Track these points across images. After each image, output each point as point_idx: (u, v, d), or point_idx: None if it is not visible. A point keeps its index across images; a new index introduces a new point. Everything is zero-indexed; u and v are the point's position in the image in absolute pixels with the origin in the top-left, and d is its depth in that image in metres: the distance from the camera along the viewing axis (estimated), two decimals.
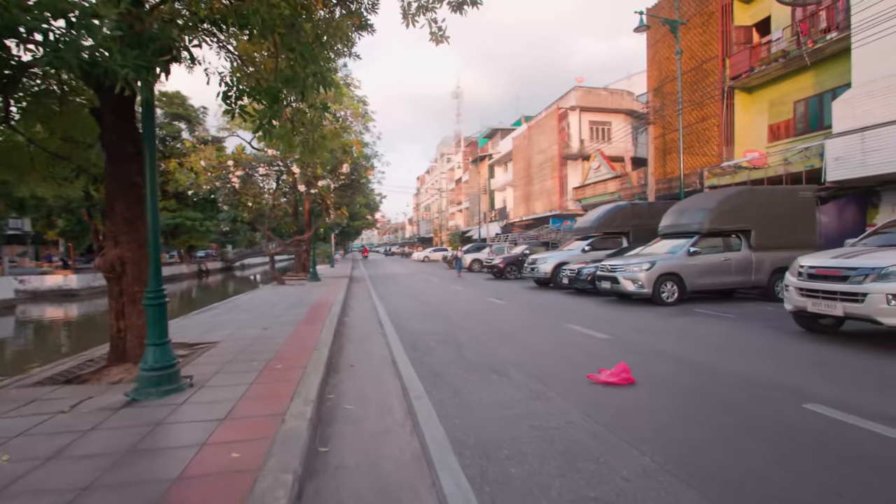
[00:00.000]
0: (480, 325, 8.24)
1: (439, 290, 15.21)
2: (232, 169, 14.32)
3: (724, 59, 17.75)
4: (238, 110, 4.22)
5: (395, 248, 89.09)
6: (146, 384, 3.79)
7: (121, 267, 4.72)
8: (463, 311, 10.03)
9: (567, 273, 13.31)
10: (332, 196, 15.76)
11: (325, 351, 5.41)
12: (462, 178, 61.62)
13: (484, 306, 10.94)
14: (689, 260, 10.41)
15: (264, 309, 9.68)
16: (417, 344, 6.59)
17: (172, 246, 44.19)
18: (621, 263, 10.70)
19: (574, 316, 9.03)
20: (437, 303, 11.75)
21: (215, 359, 5.17)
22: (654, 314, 9.05)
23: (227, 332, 6.81)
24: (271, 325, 7.52)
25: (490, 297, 12.62)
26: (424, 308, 10.75)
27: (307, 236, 17.53)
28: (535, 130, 36.11)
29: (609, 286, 10.87)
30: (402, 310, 10.48)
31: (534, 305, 10.90)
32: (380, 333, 7.59)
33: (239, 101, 4.17)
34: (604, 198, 26.73)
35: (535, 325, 8.24)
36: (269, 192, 16.25)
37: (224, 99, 4.13)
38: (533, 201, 36.67)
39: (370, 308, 11.08)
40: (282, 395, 3.82)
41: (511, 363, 5.39)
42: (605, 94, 32.60)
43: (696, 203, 11.40)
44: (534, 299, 12.13)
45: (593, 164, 28.32)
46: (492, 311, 10.05)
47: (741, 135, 17.75)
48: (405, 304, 11.53)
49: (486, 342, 6.69)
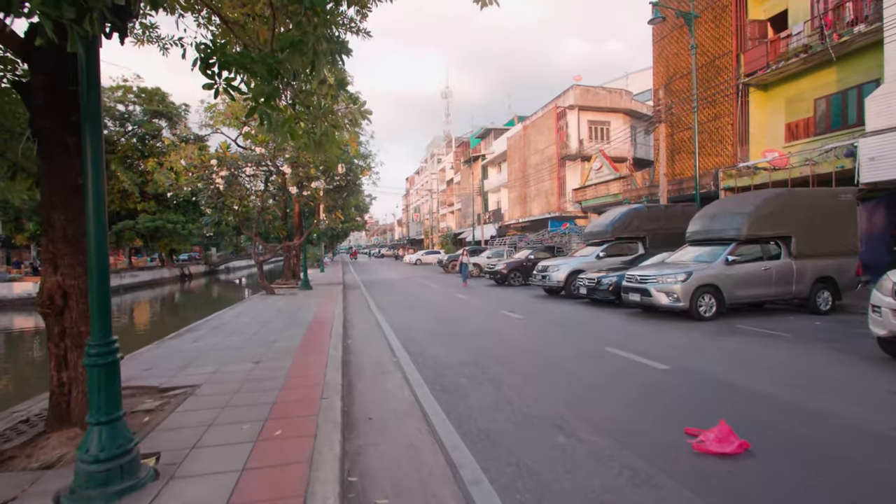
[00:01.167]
0: (508, 348, 7.13)
1: (443, 300, 14.06)
2: (215, 169, 12.98)
3: (739, 54, 16.95)
4: (224, 85, 3.02)
5: (384, 249, 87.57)
6: (87, 482, 2.57)
7: (62, 299, 3.49)
8: (479, 329, 8.90)
9: (585, 282, 12.27)
10: (325, 198, 14.49)
11: (336, 401, 4.23)
12: (454, 180, 60.54)
13: (500, 322, 9.83)
14: (728, 270, 9.45)
15: (254, 329, 8.42)
16: (444, 381, 5.44)
17: (153, 249, 42.29)
18: (653, 274, 9.69)
19: (608, 334, 7.97)
20: (446, 317, 10.61)
21: (193, 417, 3.95)
22: (696, 332, 8.05)
23: (210, 368, 5.56)
24: (264, 354, 6.29)
25: (503, 310, 11.52)
26: (434, 325, 9.60)
27: (298, 242, 16.23)
28: (531, 130, 35.19)
29: (638, 298, 9.86)
30: (409, 327, 9.31)
31: (555, 320, 9.82)
32: (393, 363, 6.42)
33: (225, 70, 2.98)
34: (605, 199, 25.90)
35: (570, 348, 7.15)
36: (257, 193, 14.92)
37: (203, 68, 2.93)
38: (529, 203, 35.75)
39: (373, 325, 9.89)
40: (289, 488, 2.65)
41: (572, 412, 4.28)
42: (604, 92, 31.83)
43: (729, 206, 10.45)
44: (552, 312, 11.06)
45: (594, 165, 27.47)
46: (512, 329, 8.94)
47: (756, 134, 16.97)
48: (411, 320, 10.36)
49: (525, 375, 5.57)
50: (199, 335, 7.88)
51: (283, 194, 15.92)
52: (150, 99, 33.04)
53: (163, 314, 22.18)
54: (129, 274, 38.68)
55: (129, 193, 30.89)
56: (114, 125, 33.07)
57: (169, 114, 33.59)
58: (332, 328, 8.42)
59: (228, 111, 15.80)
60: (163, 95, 33.80)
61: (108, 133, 32.04)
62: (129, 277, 38.07)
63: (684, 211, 14.89)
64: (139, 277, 39.71)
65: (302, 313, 10.54)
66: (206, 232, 14.67)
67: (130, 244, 41.94)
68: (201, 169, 13.47)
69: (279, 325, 8.92)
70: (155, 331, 15.10)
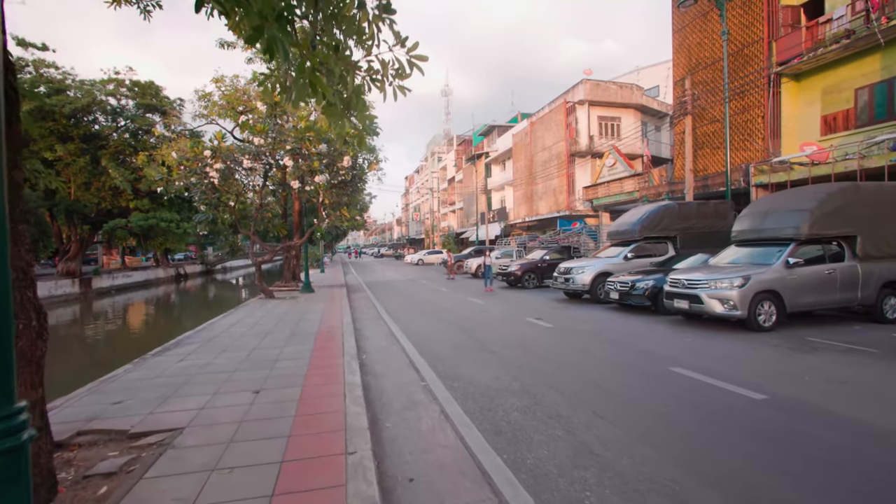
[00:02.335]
0: (554, 368, 6.01)
1: (458, 305, 12.94)
2: (209, 161, 11.81)
3: (770, 42, 15.90)
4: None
5: (384, 249, 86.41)
6: None
7: None
8: (509, 340, 7.79)
9: (617, 286, 11.17)
10: (329, 194, 13.33)
11: (366, 460, 3.11)
12: (455, 178, 59.41)
13: (530, 332, 8.71)
14: (789, 274, 8.36)
15: (252, 344, 7.27)
16: (493, 416, 4.33)
17: (147, 248, 41.03)
18: (704, 278, 8.59)
19: (662, 349, 6.87)
20: (467, 325, 9.48)
21: (168, 488, 2.81)
22: (766, 347, 6.96)
23: (198, 401, 4.42)
24: (265, 380, 5.15)
25: (527, 317, 10.41)
26: (456, 335, 8.47)
27: (299, 242, 15.07)
28: (538, 126, 34.10)
29: (686, 306, 8.76)
30: (430, 338, 8.18)
31: (591, 330, 8.71)
32: (421, 387, 5.30)
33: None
34: (619, 198, 24.84)
35: (626, 367, 6.05)
36: (255, 189, 13.74)
37: None
38: (536, 201, 34.66)
39: (386, 334, 8.76)
40: None
41: (689, 471, 3.17)
42: (615, 87, 30.75)
43: (785, 203, 9.37)
44: (583, 320, 9.96)
45: (607, 162, 26.39)
46: (548, 341, 7.82)
47: (788, 127, 15.92)
48: (429, 329, 9.24)
49: (591, 407, 4.46)
50: (188, 351, 6.72)
51: (283, 190, 14.77)
52: (144, 93, 31.78)
53: (151, 320, 20.83)
54: (122, 274, 37.48)
55: (120, 191, 29.61)
56: (105, 120, 31.81)
57: (163, 108, 32.32)
58: (342, 341, 7.29)
59: (224, 101, 14.65)
60: (157, 89, 32.54)
61: (99, 128, 30.79)
62: (122, 278, 36.88)
63: (717, 209, 13.82)
64: (132, 278, 38.52)
65: (306, 322, 9.40)
66: (199, 230, 13.44)
67: (123, 243, 40.67)
68: (194, 162, 12.32)
69: (281, 337, 7.78)
70: (139, 342, 13.91)
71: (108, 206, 31.07)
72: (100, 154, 29.33)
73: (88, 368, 9.98)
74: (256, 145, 12.09)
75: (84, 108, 28.59)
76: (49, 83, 29.08)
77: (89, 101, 28.36)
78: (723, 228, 13.85)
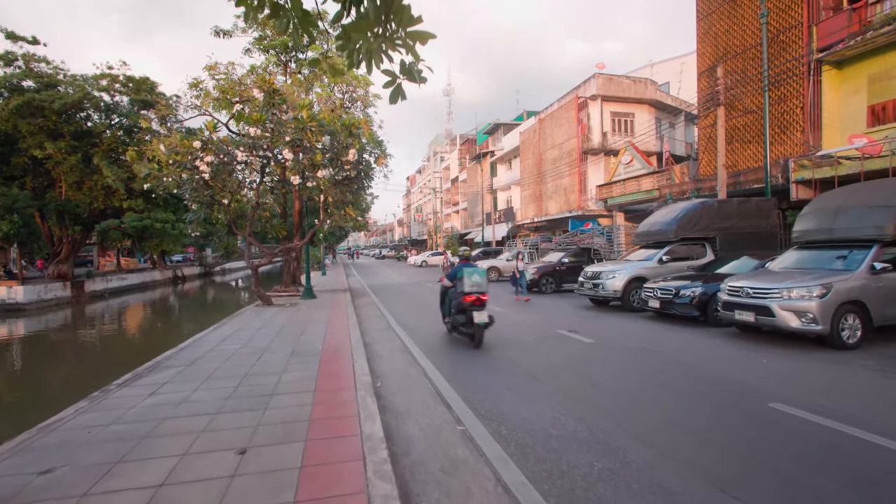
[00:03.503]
0: (624, 405, 4.76)
1: None
2: (199, 154, 10.59)
3: (810, 26, 14.66)
4: None
5: (385, 250, 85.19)
6: None
7: None
8: (553, 362, 6.54)
9: (657, 293, 9.92)
10: (333, 191, 12.09)
11: None
12: (459, 178, 58.17)
13: (572, 349, 7.47)
14: (875, 281, 7.13)
15: (244, 367, 6.03)
16: (574, 492, 3.08)
17: (143, 250, 39.87)
18: (774, 286, 7.34)
19: (741, 374, 5.62)
20: (495, 340, 8.22)
21: None
22: (863, 370, 5.72)
23: (160, 471, 3.15)
24: (256, 429, 3.91)
25: (559, 328, 9.17)
26: (484, 351, 7.22)
27: (300, 244, 13.83)
28: (547, 123, 32.88)
29: (751, 318, 7.51)
30: (455, 359, 6.94)
31: (644, 347, 7.46)
32: (460, 435, 4.06)
33: None
34: (636, 196, 23.60)
35: (716, 404, 4.80)
36: (252, 185, 12.49)
37: None
38: (546, 201, 33.42)
39: (401, 350, 7.52)
40: None
41: None
42: (628, 82, 29.52)
43: (862, 198, 8.12)
44: (624, 333, 8.71)
45: (623, 159, 25.16)
46: (599, 362, 6.57)
47: (829, 118, 14.67)
48: (450, 344, 8.00)
49: (712, 478, 3.21)
50: (164, 379, 5.48)
51: (282, 187, 13.55)
52: (138, 88, 30.59)
53: (135, 330, 19.24)
54: (117, 277, 36.30)
55: (114, 190, 28.39)
56: (99, 117, 30.61)
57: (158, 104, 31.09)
58: (352, 363, 6.05)
59: (218, 90, 13.42)
60: (152, 85, 31.35)
61: (92, 125, 29.58)
62: (117, 280, 35.70)
63: (759, 207, 12.60)
64: (127, 280, 37.35)
65: (309, 336, 8.16)
66: (191, 231, 12.19)
67: (118, 245, 39.48)
68: (184, 155, 11.11)
69: (280, 357, 6.54)
70: (111, 361, 12.64)
71: (100, 207, 29.83)
72: (92, 152, 28.09)
73: (37, 403, 8.75)
74: (252, 137, 10.86)
75: (75, 104, 27.37)
76: (39, 78, 27.90)
77: (80, 96, 27.13)
78: (765, 229, 12.65)
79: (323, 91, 15.12)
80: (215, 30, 17.60)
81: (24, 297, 25.59)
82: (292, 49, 18.69)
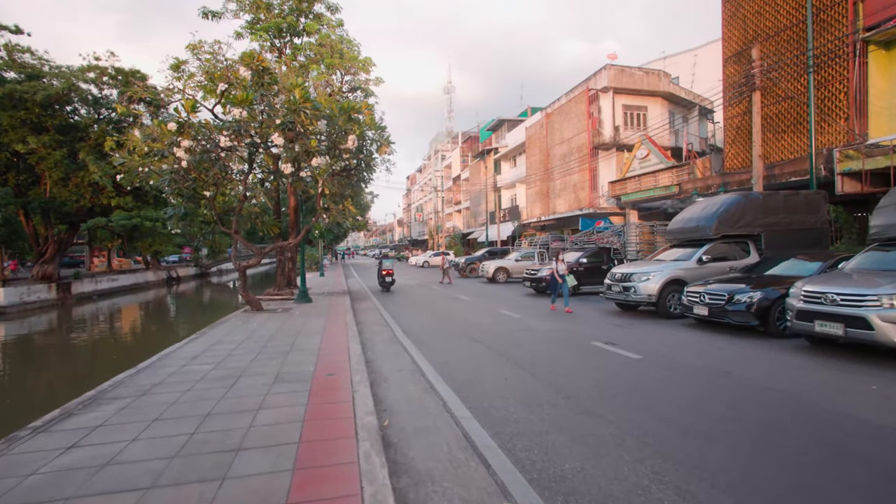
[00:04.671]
0: (739, 467, 3.41)
1: (492, 320, 10.36)
2: (175, 138, 9.24)
3: (856, 3, 13.33)
4: None
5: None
6: None
7: None
8: (606, 387, 5.18)
9: (704, 299, 8.56)
10: (330, 183, 10.73)
11: None
12: (461, 176, 56.80)
13: (622, 371, 6.12)
14: None
15: (209, 403, 4.64)
16: None
17: (133, 250, 38.53)
18: (867, 293, 5.98)
19: (855, 407, 4.27)
20: (522, 356, 6.88)
21: None
22: None
23: None
24: None
25: (594, 340, 7.83)
26: (514, 371, 5.88)
27: (293, 242, 12.46)
28: (555, 117, 31.53)
29: (839, 331, 6.15)
30: (478, 381, 5.59)
31: (708, 365, 6.11)
32: None
33: None
34: (652, 193, 22.26)
35: (859, 458, 3.46)
36: (240, 175, 11.13)
37: None
38: (553, 199, 32.07)
39: (411, 370, 6.16)
40: None
41: None
42: (641, 74, 28.18)
43: None
44: (674, 345, 7.36)
45: (638, 153, 23.82)
46: (664, 390, 5.20)
47: (877, 105, 13.33)
48: (469, 360, 6.65)
49: None
50: (98, 420, 4.11)
51: (274, 179, 12.21)
52: (127, 81, 29.18)
53: (107, 339, 17.12)
54: (107, 278, 34.85)
55: (101, 187, 26.99)
56: (87, 111, 29.23)
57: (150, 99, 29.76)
58: (352, 394, 4.70)
59: (202, 72, 12.03)
60: (143, 77, 29.95)
61: (79, 119, 28.21)
62: (107, 282, 34.25)
63: (808, 200, 11.28)
64: (118, 281, 35.92)
65: (299, 354, 6.81)
66: (171, 228, 10.80)
67: (110, 245, 38.11)
68: (160, 141, 9.76)
69: (259, 384, 5.18)
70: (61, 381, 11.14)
71: (88, 204, 28.44)
72: (78, 147, 26.72)
73: None
74: (238, 120, 9.50)
75: (60, 96, 25.98)
76: (22, 69, 26.53)
77: (65, 87, 25.75)
78: (815, 225, 11.33)
79: (319, 76, 13.75)
80: (203, 11, 16.24)
81: (5, 300, 24.22)
82: (286, 33, 17.37)
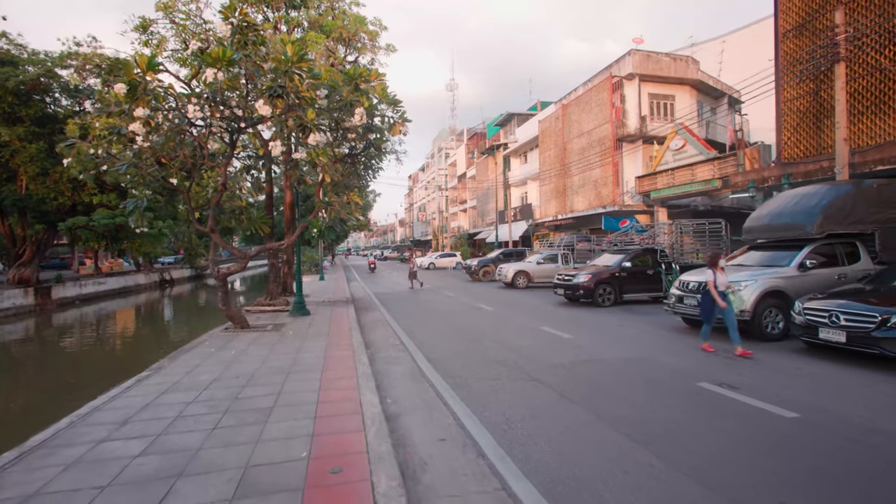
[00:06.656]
0: None
1: (535, 340, 8.11)
2: (126, 106, 7.03)
3: None
4: None
5: (387, 251, 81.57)
6: None
7: None
8: (745, 462, 2.96)
9: (839, 320, 6.30)
10: (333, 168, 8.47)
11: None
12: (467, 174, 54.56)
13: (770, 438, 3.87)
14: None
15: None
16: None
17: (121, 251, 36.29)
18: None
19: None
20: (623, 416, 4.65)
21: None
22: None
23: None
24: None
25: (703, 382, 5.58)
26: (645, 462, 3.66)
27: (287, 242, 10.24)
28: (573, 108, 29.30)
29: None
30: (593, 485, 3.36)
31: None
32: None
33: None
34: (689, 188, 20.05)
35: None
36: (220, 160, 8.87)
37: None
38: (571, 196, 29.84)
39: (462, 448, 3.94)
40: None
41: None
42: (667, 60, 25.96)
43: None
44: (820, 388, 5.12)
45: (672, 144, 21.59)
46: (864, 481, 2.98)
47: None
48: (554, 428, 4.43)
49: None
50: None
51: (264, 165, 9.98)
52: (111, 70, 26.98)
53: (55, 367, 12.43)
54: (93, 281, 32.59)
55: (82, 183, 24.76)
56: (68, 102, 27.05)
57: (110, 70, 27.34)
58: None
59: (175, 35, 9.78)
60: (129, 67, 27.72)
61: (58, 109, 26.00)
62: (93, 286, 31.98)
63: None
64: (105, 285, 33.67)
65: (285, 413, 4.55)
66: (134, 225, 8.50)
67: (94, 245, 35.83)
68: (115, 115, 7.56)
69: (218, 486, 2.94)
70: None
71: (68, 202, 26.21)
72: (57, 140, 24.53)
73: None
74: (211, 82, 7.25)
75: (34, 83, 23.79)
76: None
77: (40, 73, 23.57)
78: None
79: (320, 42, 11.50)
80: None
81: None
82: (282, 5, 15.15)
